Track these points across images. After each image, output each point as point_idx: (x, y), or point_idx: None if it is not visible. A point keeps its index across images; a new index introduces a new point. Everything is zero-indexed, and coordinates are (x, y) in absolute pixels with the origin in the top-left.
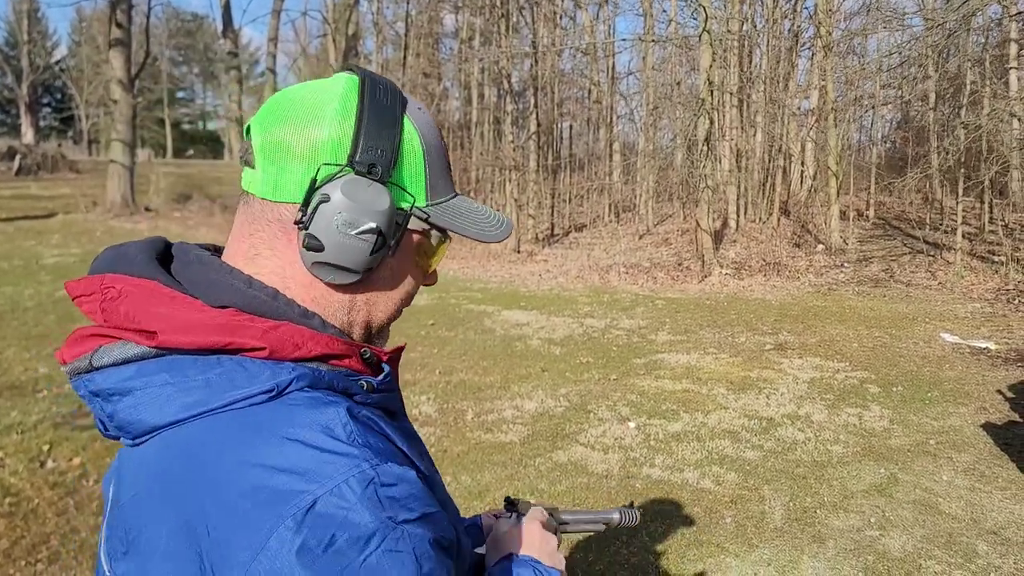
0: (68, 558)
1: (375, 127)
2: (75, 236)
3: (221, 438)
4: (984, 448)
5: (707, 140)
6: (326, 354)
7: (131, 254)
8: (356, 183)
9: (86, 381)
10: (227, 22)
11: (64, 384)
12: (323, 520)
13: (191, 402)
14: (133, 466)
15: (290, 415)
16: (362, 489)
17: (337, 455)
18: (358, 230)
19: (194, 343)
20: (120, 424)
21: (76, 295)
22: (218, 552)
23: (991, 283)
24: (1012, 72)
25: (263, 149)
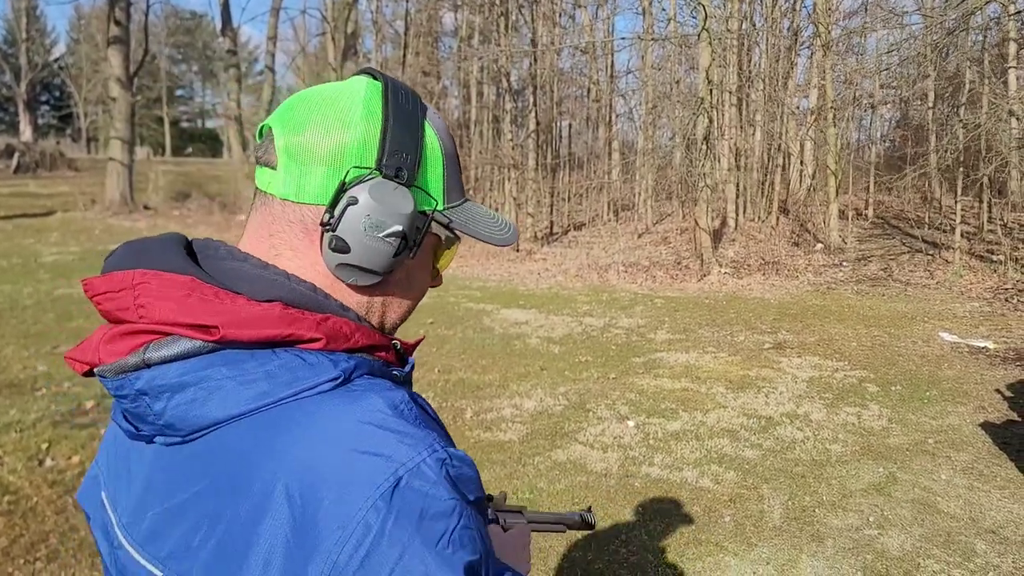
0: (67, 556)
1: (400, 131)
2: (74, 234)
3: (297, 424)
4: (982, 447)
5: (706, 139)
6: (371, 345)
7: (157, 249)
8: (383, 186)
9: (133, 379)
10: (226, 20)
11: (63, 382)
12: (410, 497)
13: (255, 394)
14: (185, 463)
15: (359, 400)
16: (438, 468)
17: (410, 435)
18: (384, 232)
19: (257, 336)
20: (170, 421)
21: (99, 292)
22: (308, 532)
23: (989, 282)
24: (1011, 71)
25: (287, 150)
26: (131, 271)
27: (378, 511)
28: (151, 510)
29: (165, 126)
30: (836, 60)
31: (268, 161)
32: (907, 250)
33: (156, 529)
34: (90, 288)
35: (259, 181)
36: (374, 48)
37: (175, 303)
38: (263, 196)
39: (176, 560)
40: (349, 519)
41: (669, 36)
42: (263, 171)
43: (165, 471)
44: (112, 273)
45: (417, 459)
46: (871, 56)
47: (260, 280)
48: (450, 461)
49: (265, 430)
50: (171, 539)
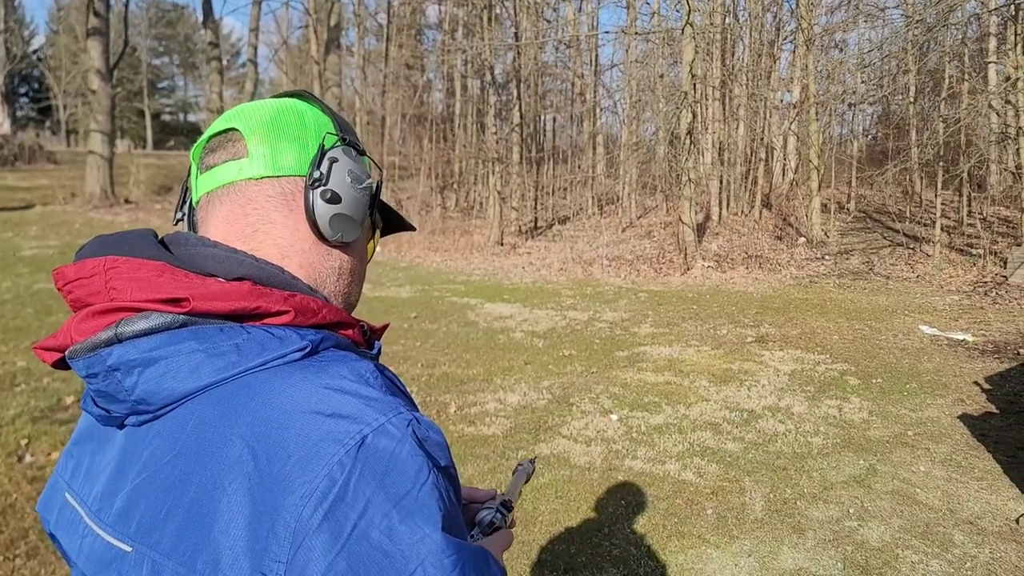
0: (47, 553)
1: (340, 120)
2: (53, 228)
3: (263, 390)
4: (961, 439)
5: (690, 133)
6: (338, 322)
7: (129, 240)
8: (350, 151)
9: (104, 356)
10: (207, 12)
11: (43, 378)
12: (375, 453)
13: (223, 365)
14: (154, 440)
15: (326, 368)
16: (404, 428)
17: (376, 400)
18: (362, 184)
19: (225, 308)
20: (142, 396)
21: (70, 280)
22: (273, 488)
23: (969, 275)
24: (991, 66)
25: (254, 137)
26: (102, 258)
27: (343, 467)
28: (121, 491)
29: (146, 119)
30: (818, 55)
31: (232, 155)
32: (888, 244)
33: (125, 507)
34: (61, 277)
35: (215, 181)
36: (356, 41)
37: (146, 282)
38: (227, 189)
39: (145, 533)
40: (314, 475)
41: (653, 30)
42: (224, 168)
43: (136, 450)
44: (83, 261)
45: (382, 419)
46: (853, 51)
47: (229, 261)
48: (416, 423)
49: (232, 398)
50: (139, 513)
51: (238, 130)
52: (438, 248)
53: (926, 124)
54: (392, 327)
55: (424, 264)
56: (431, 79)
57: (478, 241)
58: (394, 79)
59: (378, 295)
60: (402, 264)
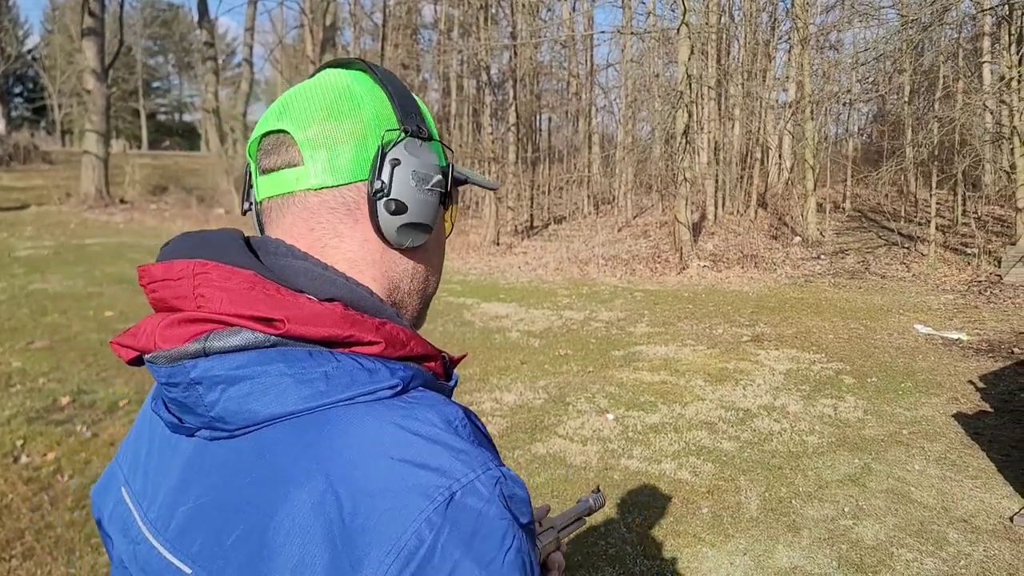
0: (43, 554)
1: (400, 95)
2: (48, 228)
3: (351, 428)
4: (955, 437)
5: (685, 133)
6: (424, 354)
7: (218, 242)
8: (414, 143)
9: (188, 367)
10: (203, 12)
11: (38, 378)
12: (463, 513)
13: (311, 393)
14: (228, 460)
15: (415, 411)
16: (492, 487)
17: (465, 453)
18: (430, 184)
19: (319, 334)
20: (221, 414)
21: (156, 279)
22: (356, 539)
23: (963, 275)
24: (985, 66)
25: (309, 143)
26: (191, 260)
27: (431, 525)
28: (183, 505)
29: (141, 119)
30: (814, 55)
31: (288, 161)
32: (884, 243)
33: (187, 525)
34: (147, 275)
35: (274, 188)
36: (352, 40)
37: (238, 295)
38: (288, 199)
39: (208, 558)
40: (401, 531)
41: (648, 30)
42: (279, 175)
43: (204, 466)
44: (172, 261)
45: (471, 476)
46: (848, 51)
47: (321, 279)
48: (504, 481)
49: (317, 431)
50: (203, 535)
51: (288, 133)
52: None
53: (921, 124)
54: None
55: None
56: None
57: (474, 241)
58: None
59: None
60: None
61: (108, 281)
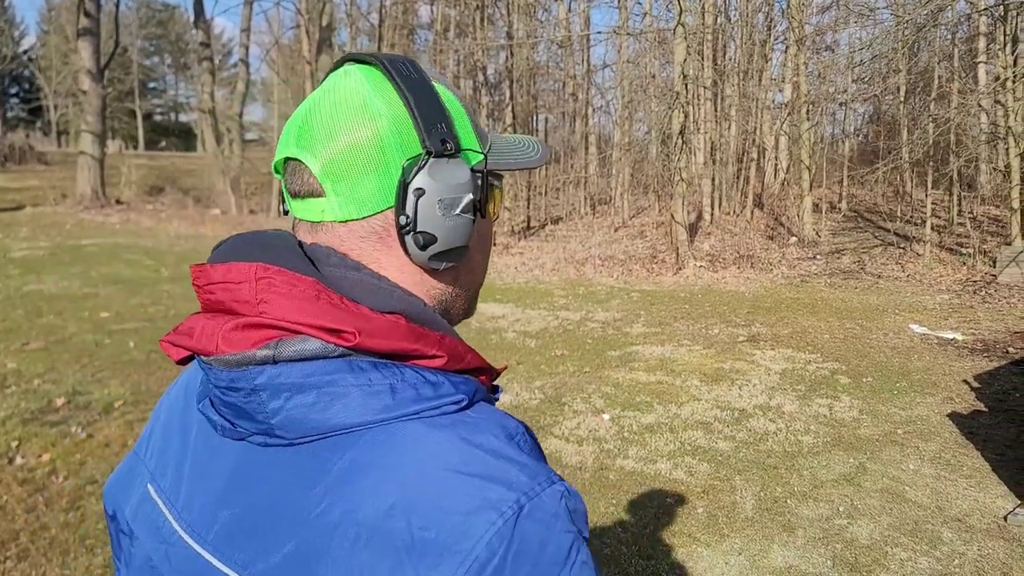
0: (37, 555)
1: (423, 103)
2: (44, 229)
3: (419, 443)
4: (950, 437)
5: (681, 133)
6: (479, 368)
7: (276, 246)
8: (438, 165)
9: (255, 373)
10: (199, 12)
11: (33, 379)
12: (532, 527)
13: (379, 407)
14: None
15: (479, 426)
16: (557, 501)
17: (530, 467)
18: (460, 208)
19: (387, 347)
20: (283, 423)
21: (214, 281)
22: (427, 551)
23: (959, 274)
24: (980, 66)
25: (327, 173)
26: (252, 264)
27: (502, 538)
28: (228, 510)
29: (138, 119)
30: (809, 55)
31: (311, 191)
32: (879, 243)
33: (236, 531)
34: (204, 276)
35: (304, 214)
36: (348, 41)
37: (304, 303)
38: (319, 226)
39: (259, 566)
40: (473, 544)
41: (644, 30)
42: (309, 203)
43: (255, 473)
44: (232, 263)
45: (538, 489)
46: (843, 51)
47: (379, 292)
48: (568, 495)
49: (382, 445)
50: (255, 543)
51: (305, 164)
52: None
53: (916, 124)
54: None
55: None
56: None
57: None
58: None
59: None
60: None
61: (104, 282)
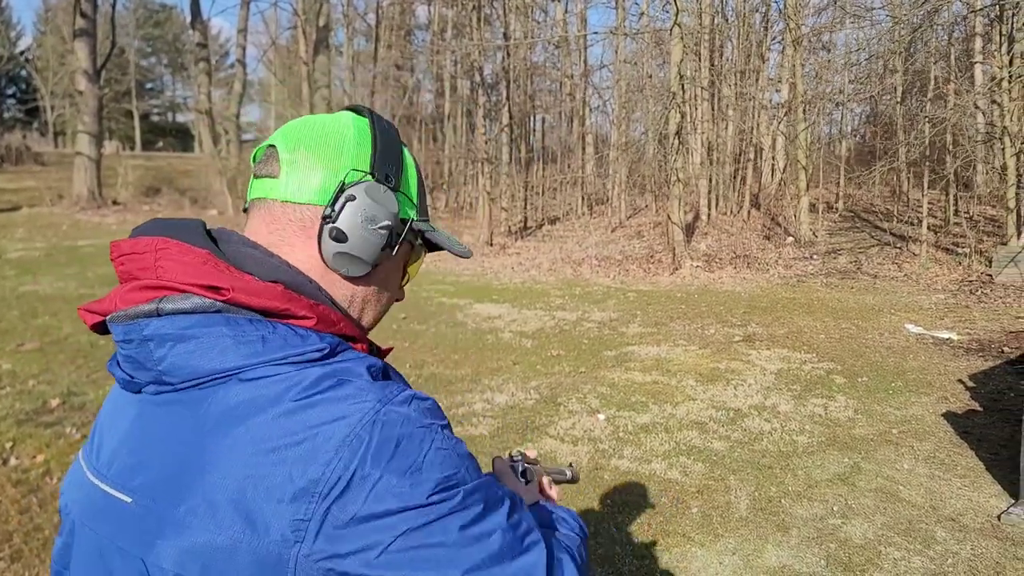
0: (31, 556)
1: (386, 149)
2: (40, 230)
3: (284, 381)
4: (944, 437)
5: (678, 133)
6: (353, 335)
7: (182, 226)
8: (376, 188)
9: (143, 325)
10: (196, 13)
11: (28, 380)
12: (386, 427)
13: (249, 352)
14: (173, 410)
15: (341, 363)
16: (408, 403)
17: (383, 385)
18: (376, 225)
19: (258, 303)
20: (168, 368)
21: (124, 253)
22: (301, 456)
23: (954, 274)
24: (977, 66)
25: (290, 160)
26: (155, 237)
27: (354, 449)
28: (126, 448)
29: (134, 120)
30: (806, 55)
31: (270, 172)
32: (876, 243)
33: (131, 464)
34: (116, 248)
35: (257, 192)
36: (345, 41)
37: (191, 267)
38: (262, 202)
39: (147, 488)
40: (331, 456)
41: (641, 31)
42: (262, 181)
43: (148, 417)
44: (138, 238)
45: (391, 396)
46: (840, 52)
47: (266, 264)
48: (417, 397)
49: (252, 381)
50: (144, 472)
51: (277, 149)
52: None
53: (913, 124)
54: (381, 327)
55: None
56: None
57: (468, 241)
58: (383, 80)
59: None
60: None
61: (100, 283)
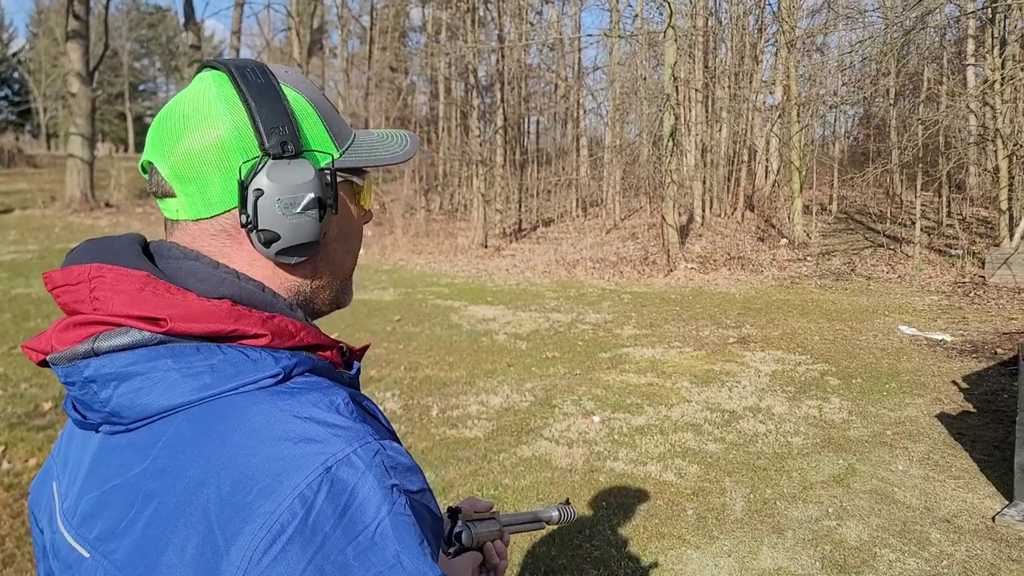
0: (23, 561)
1: (265, 108)
2: (32, 232)
3: (234, 416)
4: (938, 438)
5: (672, 135)
6: (316, 344)
7: (116, 247)
8: (278, 167)
9: (82, 367)
10: (189, 14)
11: (20, 383)
12: (337, 486)
13: (198, 386)
14: (125, 451)
15: (297, 395)
16: (370, 458)
17: (345, 429)
18: (301, 206)
19: (203, 330)
20: (116, 409)
21: (58, 285)
22: (233, 516)
23: (948, 276)
24: (969, 69)
25: (175, 175)
26: (88, 265)
27: (304, 500)
28: (88, 495)
29: (128, 122)
30: (800, 57)
31: (165, 192)
32: (870, 244)
33: (90, 513)
34: (49, 281)
35: (166, 212)
36: (340, 43)
37: (128, 296)
38: (176, 223)
39: (104, 541)
40: (275, 506)
41: (635, 33)
42: (167, 202)
43: (105, 458)
44: (70, 267)
45: (348, 450)
46: (833, 54)
47: (211, 279)
48: (384, 452)
49: (204, 420)
50: (101, 521)
51: (155, 166)
52: (422, 251)
53: (906, 126)
54: (375, 330)
55: (408, 267)
56: (415, 81)
57: (462, 243)
58: (378, 81)
59: (361, 298)
60: (385, 267)
61: None
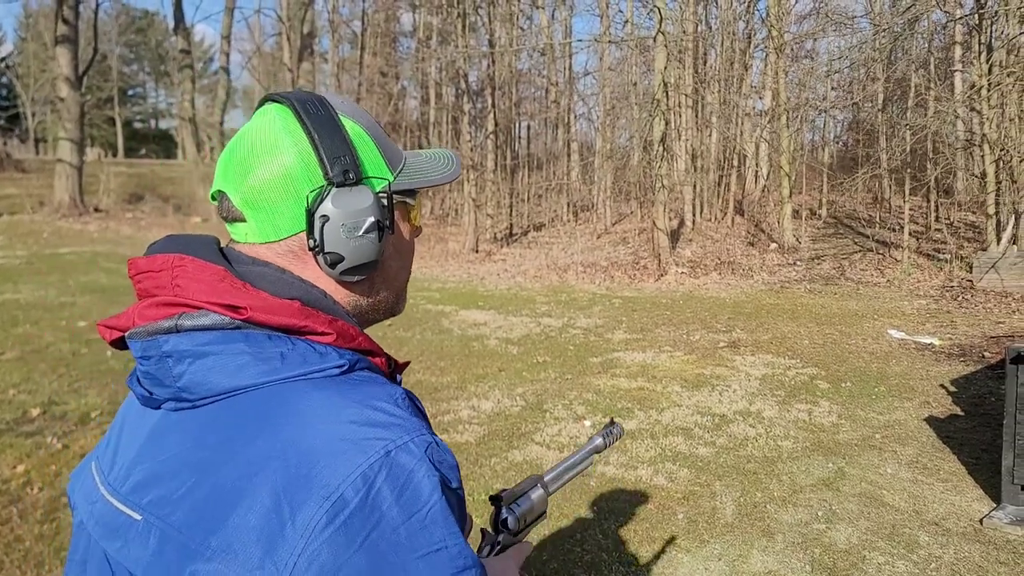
0: (11, 567)
1: (327, 139)
2: (21, 237)
3: (300, 399)
4: (927, 441)
5: (663, 140)
6: (370, 350)
7: (196, 243)
8: (341, 194)
9: (161, 342)
10: (179, 19)
11: (8, 390)
12: (396, 469)
13: (267, 369)
14: (188, 426)
15: (360, 386)
16: (423, 450)
17: (403, 420)
18: (363, 230)
19: (276, 322)
20: (186, 385)
21: (141, 271)
22: (298, 489)
23: (936, 280)
24: (956, 74)
25: (246, 202)
26: (171, 255)
27: (366, 478)
28: (141, 464)
29: (117, 127)
30: (789, 63)
31: (236, 217)
32: (859, 249)
33: (142, 480)
34: (133, 267)
35: (235, 235)
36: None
37: (207, 285)
38: (245, 245)
39: (159, 506)
40: (340, 481)
41: (626, 38)
42: (237, 226)
43: (165, 433)
44: (154, 256)
45: (406, 438)
46: (823, 59)
47: (280, 282)
48: (435, 446)
49: (271, 400)
50: (157, 488)
51: (227, 195)
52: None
53: (894, 131)
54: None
55: None
56: (405, 86)
57: (453, 248)
58: (368, 86)
59: None
60: None
61: (81, 291)
